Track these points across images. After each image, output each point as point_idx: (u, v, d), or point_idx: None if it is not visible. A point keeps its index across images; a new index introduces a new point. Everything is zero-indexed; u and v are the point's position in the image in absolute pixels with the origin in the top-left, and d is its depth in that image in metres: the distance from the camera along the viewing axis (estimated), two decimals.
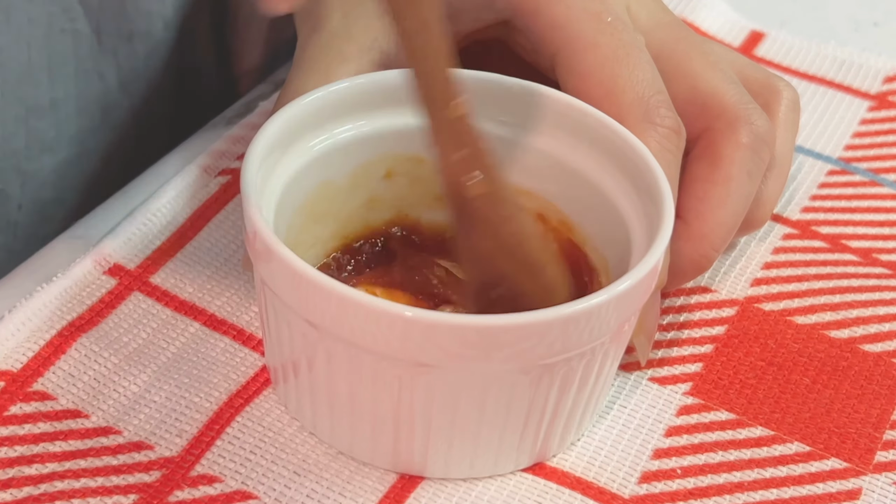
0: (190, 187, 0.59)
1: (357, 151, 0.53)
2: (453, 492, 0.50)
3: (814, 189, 0.66)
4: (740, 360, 0.56)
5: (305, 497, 0.49)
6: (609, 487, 0.51)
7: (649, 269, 0.47)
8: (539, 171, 0.55)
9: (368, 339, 0.46)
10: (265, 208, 0.49)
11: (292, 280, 0.46)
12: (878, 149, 0.69)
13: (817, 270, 0.61)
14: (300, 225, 0.53)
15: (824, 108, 0.71)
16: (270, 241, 0.47)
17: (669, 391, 0.55)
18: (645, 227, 0.50)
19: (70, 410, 0.51)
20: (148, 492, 0.48)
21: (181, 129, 0.69)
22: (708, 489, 0.51)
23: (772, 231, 0.63)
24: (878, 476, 0.53)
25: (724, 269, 0.60)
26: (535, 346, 0.46)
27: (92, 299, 0.54)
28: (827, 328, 0.58)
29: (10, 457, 0.49)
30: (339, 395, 0.49)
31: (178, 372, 0.53)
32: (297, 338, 0.48)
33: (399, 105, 0.54)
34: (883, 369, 0.57)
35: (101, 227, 0.58)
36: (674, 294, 0.59)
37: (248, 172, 0.49)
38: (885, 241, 0.63)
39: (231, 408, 0.52)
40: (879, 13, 0.79)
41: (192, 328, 0.54)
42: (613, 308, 0.47)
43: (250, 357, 0.54)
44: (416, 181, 0.56)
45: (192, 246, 0.57)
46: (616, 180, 0.53)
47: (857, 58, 0.74)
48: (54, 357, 0.52)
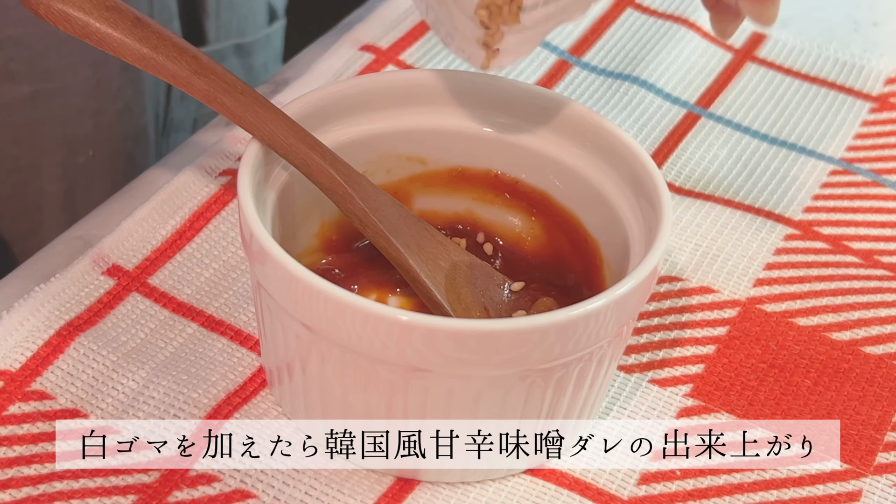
0: (190, 187, 0.59)
1: (356, 152, 0.53)
2: (451, 493, 0.50)
3: (816, 189, 0.66)
4: (741, 361, 0.56)
5: (304, 495, 0.49)
6: (608, 489, 0.51)
7: (647, 272, 0.47)
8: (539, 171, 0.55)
9: (364, 343, 0.46)
10: (262, 210, 0.49)
11: (287, 282, 0.46)
12: (881, 150, 0.69)
13: (819, 272, 0.61)
14: (297, 227, 0.53)
15: (826, 110, 0.71)
16: (266, 243, 0.47)
17: (670, 393, 0.55)
18: (643, 231, 0.50)
19: (69, 409, 0.51)
20: (147, 492, 0.48)
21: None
22: (707, 490, 0.51)
23: (774, 231, 0.63)
24: (878, 478, 0.53)
25: (727, 269, 0.60)
26: (533, 350, 0.46)
27: (90, 299, 0.54)
28: (828, 330, 0.58)
29: (9, 457, 0.49)
30: (333, 398, 0.49)
31: (175, 370, 0.53)
32: (291, 340, 0.48)
33: (399, 105, 0.54)
34: (884, 371, 0.57)
35: (100, 228, 0.58)
36: (675, 294, 0.59)
37: (246, 174, 0.49)
38: (887, 242, 0.63)
39: (229, 406, 0.52)
40: (879, 13, 0.78)
41: (190, 329, 0.54)
42: (612, 312, 0.47)
43: (248, 357, 0.54)
44: (415, 182, 0.55)
45: (192, 247, 0.57)
46: (615, 183, 0.52)
47: (859, 59, 0.74)
48: (53, 356, 0.52)
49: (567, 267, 0.55)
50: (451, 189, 0.56)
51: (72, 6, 0.50)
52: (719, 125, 0.69)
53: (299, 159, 0.50)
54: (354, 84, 0.54)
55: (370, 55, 0.68)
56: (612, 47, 0.72)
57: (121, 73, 0.74)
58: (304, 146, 0.50)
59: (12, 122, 0.72)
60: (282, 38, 0.89)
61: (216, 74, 0.51)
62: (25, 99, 0.72)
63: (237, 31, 0.83)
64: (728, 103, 0.70)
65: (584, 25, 0.73)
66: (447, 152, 0.55)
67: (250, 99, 0.50)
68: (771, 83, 0.72)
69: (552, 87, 0.69)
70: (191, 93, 0.51)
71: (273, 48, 0.88)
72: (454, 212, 0.56)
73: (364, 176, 0.52)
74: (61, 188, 0.75)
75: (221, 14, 0.80)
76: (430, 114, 0.54)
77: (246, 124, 0.50)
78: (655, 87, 0.70)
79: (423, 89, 0.54)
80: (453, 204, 0.56)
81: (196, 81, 0.50)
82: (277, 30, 0.87)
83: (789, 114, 0.70)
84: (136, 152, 0.78)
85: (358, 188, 0.51)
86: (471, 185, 0.56)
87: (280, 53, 0.89)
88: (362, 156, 0.54)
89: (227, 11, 0.81)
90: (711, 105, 0.70)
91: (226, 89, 0.50)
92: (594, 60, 0.71)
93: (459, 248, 0.54)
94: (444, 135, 0.55)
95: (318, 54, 0.69)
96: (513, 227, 0.56)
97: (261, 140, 0.50)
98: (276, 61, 0.89)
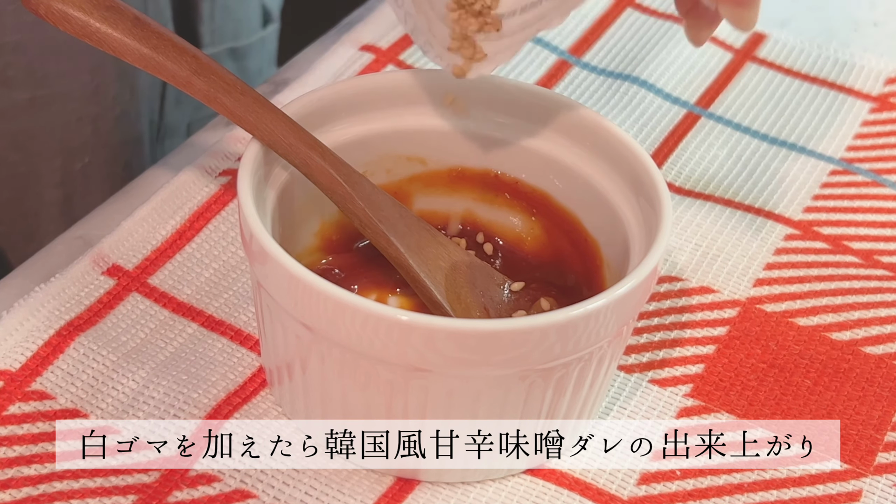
0: (190, 187, 0.59)
1: (356, 152, 0.53)
2: (451, 493, 0.50)
3: (816, 189, 0.66)
4: (741, 361, 0.56)
5: (304, 495, 0.49)
6: (608, 489, 0.51)
7: (647, 272, 0.47)
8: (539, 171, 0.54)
9: (364, 343, 0.46)
10: (262, 210, 0.49)
11: (287, 282, 0.46)
12: (881, 150, 0.69)
13: (819, 272, 0.61)
14: (297, 227, 0.53)
15: (826, 110, 0.71)
16: (266, 243, 0.47)
17: (670, 393, 0.55)
18: (643, 231, 0.50)
19: (69, 409, 0.51)
20: (147, 492, 0.48)
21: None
22: (707, 491, 0.51)
23: (774, 231, 0.63)
24: (878, 478, 0.53)
25: (727, 269, 0.60)
26: (533, 350, 0.46)
27: (90, 299, 0.54)
28: (828, 330, 0.58)
29: (8, 457, 0.49)
30: (333, 398, 0.49)
31: (175, 370, 0.53)
32: (291, 340, 0.48)
33: (399, 105, 0.54)
34: (884, 371, 0.57)
35: (100, 228, 0.58)
36: (675, 294, 0.59)
37: (246, 174, 0.49)
38: (887, 242, 0.63)
39: (229, 406, 0.52)
40: (879, 13, 0.78)
41: (190, 329, 0.54)
42: (612, 312, 0.47)
43: (248, 357, 0.54)
44: (415, 182, 0.55)
45: (192, 247, 0.57)
46: (615, 183, 0.52)
47: (859, 59, 0.74)
48: (53, 356, 0.52)
49: (567, 267, 0.55)
50: (451, 189, 0.56)
51: (72, 6, 0.50)
52: (719, 125, 0.69)
53: (299, 159, 0.50)
54: (354, 84, 0.54)
55: (370, 55, 0.68)
56: (612, 47, 0.72)
57: (118, 78, 0.74)
58: (304, 146, 0.50)
59: (10, 129, 0.72)
60: (276, 42, 0.89)
61: (216, 74, 0.51)
62: (23, 105, 0.72)
63: (231, 34, 0.83)
64: (728, 103, 0.70)
65: (584, 25, 0.73)
66: (447, 152, 0.55)
67: (250, 99, 0.50)
68: (771, 83, 0.72)
69: (552, 87, 0.69)
70: (191, 93, 0.51)
71: (267, 51, 0.88)
72: (454, 212, 0.56)
73: (364, 176, 0.52)
74: (59, 194, 0.76)
75: (215, 18, 0.80)
76: (430, 114, 0.54)
77: (246, 124, 0.50)
78: (655, 87, 0.70)
79: (423, 89, 0.54)
80: (453, 204, 0.56)
81: (196, 81, 0.50)
82: (271, 33, 0.87)
83: (789, 114, 0.70)
84: (132, 158, 0.78)
85: (358, 188, 0.51)
86: (471, 185, 0.56)
87: (274, 57, 0.90)
88: (362, 156, 0.54)
89: (220, 15, 0.81)
90: (711, 105, 0.70)
91: (226, 89, 0.50)
92: (594, 60, 0.71)
93: (459, 248, 0.54)
94: (444, 135, 0.55)
95: (318, 54, 0.69)
96: (513, 227, 0.56)
97: (261, 140, 0.50)
98: (271, 64, 0.89)
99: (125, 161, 0.77)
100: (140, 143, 0.78)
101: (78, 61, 0.72)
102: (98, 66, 0.73)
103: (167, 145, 0.81)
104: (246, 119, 0.50)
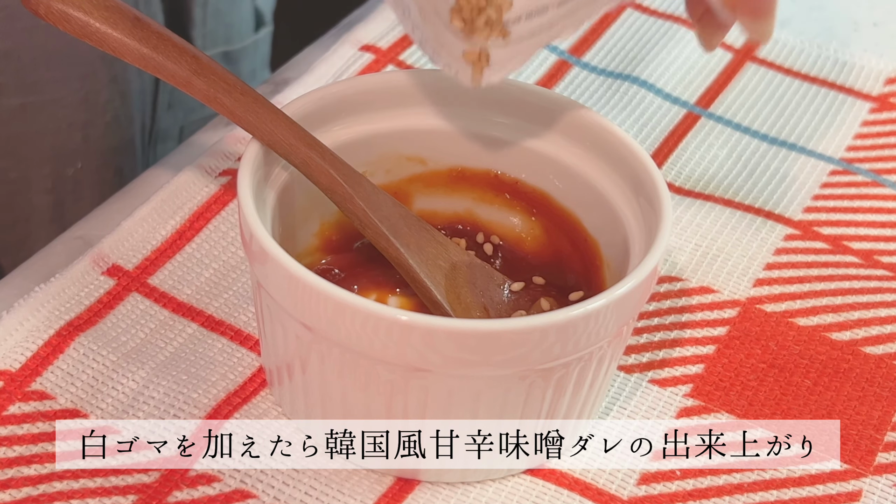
0: (190, 187, 0.59)
1: (356, 152, 0.53)
2: (451, 493, 0.50)
3: (816, 189, 0.66)
4: (741, 361, 0.56)
5: (304, 495, 0.49)
6: (608, 489, 0.51)
7: (647, 272, 0.47)
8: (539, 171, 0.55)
9: (364, 343, 0.46)
10: (262, 210, 0.49)
11: (287, 282, 0.46)
12: (881, 150, 0.69)
13: (819, 272, 0.61)
14: (297, 227, 0.53)
15: (826, 110, 0.71)
16: (266, 243, 0.47)
17: (670, 393, 0.55)
18: (643, 231, 0.50)
19: (69, 409, 0.51)
20: (147, 492, 0.48)
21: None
22: (707, 490, 0.51)
23: (774, 231, 0.63)
24: (878, 478, 0.53)
25: (727, 269, 0.60)
26: (533, 350, 0.46)
27: (90, 299, 0.54)
28: (828, 330, 0.58)
29: (8, 457, 0.49)
30: (333, 398, 0.49)
31: (175, 370, 0.53)
32: (291, 340, 0.48)
33: (399, 105, 0.54)
34: (884, 371, 0.57)
35: (100, 228, 0.58)
36: (675, 294, 0.59)
37: (246, 174, 0.49)
38: (887, 242, 0.63)
39: (229, 406, 0.52)
40: (879, 13, 0.78)
41: (190, 329, 0.54)
42: (612, 312, 0.47)
43: (248, 357, 0.54)
44: (415, 182, 0.55)
45: (192, 247, 0.57)
46: (615, 183, 0.52)
47: (859, 59, 0.74)
48: (52, 356, 0.52)
49: (567, 267, 0.55)
50: (451, 189, 0.56)
51: (72, 6, 0.50)
52: (719, 125, 0.69)
53: (299, 159, 0.50)
54: (354, 84, 0.54)
55: (370, 55, 0.68)
56: (612, 47, 0.72)
57: (109, 85, 0.74)
58: (304, 146, 0.50)
59: (1, 135, 0.72)
60: (269, 45, 0.89)
61: (216, 74, 0.51)
62: (14, 111, 0.72)
63: (224, 38, 0.83)
64: (728, 103, 0.70)
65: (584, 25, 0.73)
66: (447, 152, 0.55)
67: (250, 99, 0.51)
68: (771, 83, 0.72)
69: (552, 87, 0.69)
70: (191, 93, 0.51)
71: (260, 55, 0.88)
72: (454, 212, 0.56)
73: (364, 176, 0.52)
74: (50, 200, 0.76)
75: (208, 22, 0.80)
76: (430, 114, 0.54)
77: (246, 124, 0.50)
78: (655, 87, 0.70)
79: (423, 89, 0.54)
80: (453, 204, 0.56)
81: (196, 81, 0.50)
82: (264, 36, 0.87)
83: (789, 114, 0.70)
84: (123, 163, 0.78)
85: (358, 188, 0.51)
86: (471, 185, 0.56)
87: (267, 60, 0.90)
88: (362, 156, 0.54)
89: (213, 19, 0.81)
90: (711, 105, 0.70)
91: (226, 89, 0.50)
92: (594, 60, 0.71)
93: (459, 248, 0.54)
94: (444, 135, 0.55)
95: (318, 54, 0.69)
96: (513, 227, 0.56)
97: (261, 140, 0.50)
98: (264, 68, 0.89)
99: (116, 167, 0.78)
100: (132, 149, 0.78)
101: (69, 68, 0.72)
102: (89, 72, 0.73)
103: (159, 150, 0.81)
104: (246, 119, 0.50)
